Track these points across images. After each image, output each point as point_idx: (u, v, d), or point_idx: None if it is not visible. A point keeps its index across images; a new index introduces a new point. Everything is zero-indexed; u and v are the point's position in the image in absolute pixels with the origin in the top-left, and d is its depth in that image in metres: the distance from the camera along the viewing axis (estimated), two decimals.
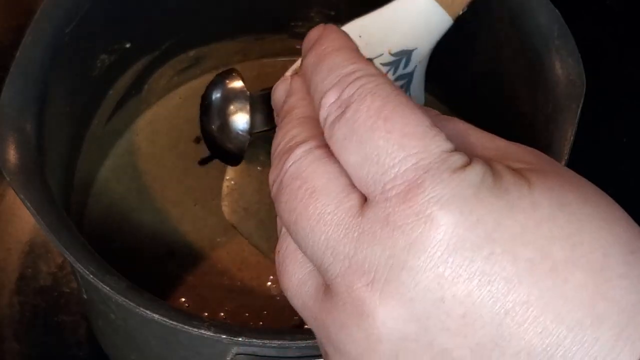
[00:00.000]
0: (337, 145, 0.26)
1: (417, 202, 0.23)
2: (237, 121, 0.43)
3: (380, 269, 0.24)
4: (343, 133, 0.25)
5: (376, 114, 0.25)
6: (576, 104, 0.43)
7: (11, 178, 0.40)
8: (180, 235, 0.53)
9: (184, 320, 0.37)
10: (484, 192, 0.24)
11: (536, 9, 0.46)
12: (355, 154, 0.25)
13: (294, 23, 0.59)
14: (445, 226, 0.23)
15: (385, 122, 0.25)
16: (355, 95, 0.26)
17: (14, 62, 0.44)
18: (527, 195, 0.24)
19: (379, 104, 0.25)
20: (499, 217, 0.23)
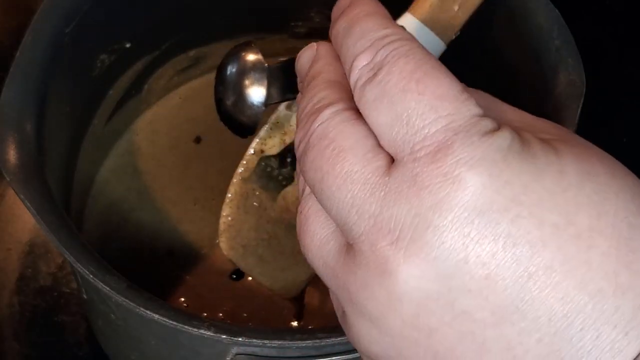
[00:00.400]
0: (367, 106, 0.26)
1: (445, 162, 0.24)
2: (253, 93, 0.43)
3: (405, 228, 0.24)
4: (374, 94, 0.26)
5: (409, 75, 0.25)
6: (576, 104, 0.43)
7: (11, 178, 0.40)
8: (179, 235, 0.53)
9: (184, 320, 0.37)
10: (512, 156, 0.24)
11: (536, 10, 0.46)
12: (386, 115, 0.25)
13: (294, 23, 0.59)
14: (473, 187, 0.23)
15: (417, 83, 0.25)
16: (389, 57, 0.26)
17: (14, 62, 0.44)
18: (554, 162, 0.24)
19: (412, 66, 0.25)
20: (526, 181, 0.23)
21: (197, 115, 0.58)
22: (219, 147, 0.57)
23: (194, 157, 0.56)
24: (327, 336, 0.37)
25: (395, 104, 0.25)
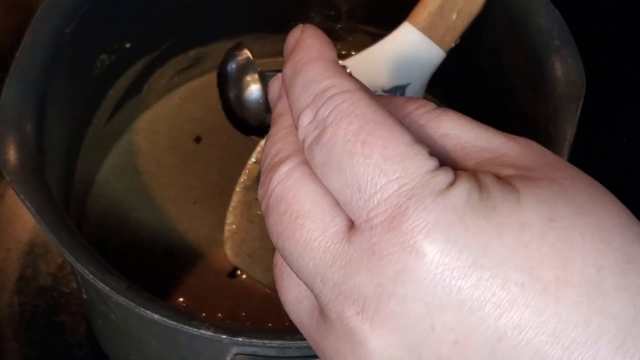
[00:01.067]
0: (317, 170, 0.25)
1: (401, 231, 0.23)
2: (252, 95, 0.43)
3: (369, 298, 0.24)
4: (322, 158, 0.25)
5: (353, 137, 0.24)
6: (576, 104, 0.43)
7: (11, 178, 0.40)
8: (179, 235, 0.53)
9: (184, 320, 0.37)
10: (469, 215, 0.23)
11: (536, 10, 0.46)
12: (336, 180, 0.25)
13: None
14: (431, 255, 0.23)
15: (363, 146, 0.24)
16: (331, 116, 0.25)
17: (14, 62, 0.44)
18: (515, 213, 0.23)
19: (356, 126, 0.25)
20: (486, 241, 0.23)
21: (197, 115, 0.58)
22: (219, 147, 0.57)
23: (194, 157, 0.56)
24: None
25: (343, 169, 0.24)
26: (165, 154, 0.57)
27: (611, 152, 0.62)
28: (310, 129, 0.26)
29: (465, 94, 0.56)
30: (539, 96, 0.45)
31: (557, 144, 0.42)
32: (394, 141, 0.24)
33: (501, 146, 0.26)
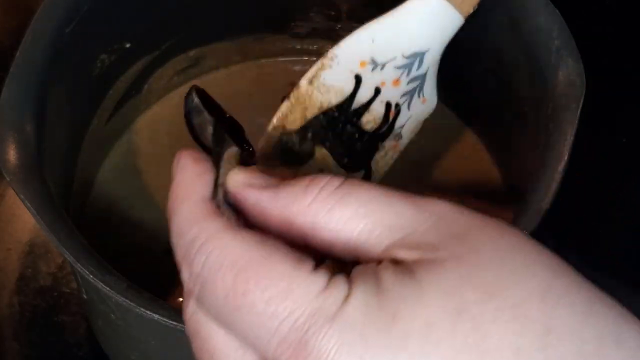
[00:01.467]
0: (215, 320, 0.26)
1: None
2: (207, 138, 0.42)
3: None
4: (214, 312, 0.25)
5: (232, 292, 0.24)
6: (576, 104, 0.43)
7: (11, 178, 0.40)
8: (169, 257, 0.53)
9: None
10: (370, 329, 0.22)
11: (536, 10, 0.46)
12: (234, 330, 0.25)
13: (294, 23, 0.59)
14: None
15: (244, 297, 0.24)
16: (204, 271, 0.25)
17: (14, 62, 0.44)
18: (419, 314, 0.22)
19: (230, 278, 0.24)
20: (392, 354, 0.22)
21: None
22: None
23: None
24: None
25: (235, 323, 0.24)
26: (165, 153, 0.57)
27: (611, 152, 0.62)
28: (190, 286, 0.26)
29: (465, 94, 0.56)
30: (539, 96, 0.45)
31: (558, 143, 0.42)
32: (273, 278, 0.24)
33: (410, 221, 0.25)
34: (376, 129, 0.45)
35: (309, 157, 0.45)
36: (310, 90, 0.45)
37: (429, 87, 0.46)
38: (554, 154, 0.42)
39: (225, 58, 0.60)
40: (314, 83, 0.45)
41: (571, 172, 0.41)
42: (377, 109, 0.45)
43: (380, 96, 0.45)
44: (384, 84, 0.45)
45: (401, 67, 0.45)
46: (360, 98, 0.45)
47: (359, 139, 0.45)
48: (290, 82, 0.60)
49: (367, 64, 0.44)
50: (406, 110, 0.46)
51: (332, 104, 0.44)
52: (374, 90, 0.45)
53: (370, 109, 0.45)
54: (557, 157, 0.41)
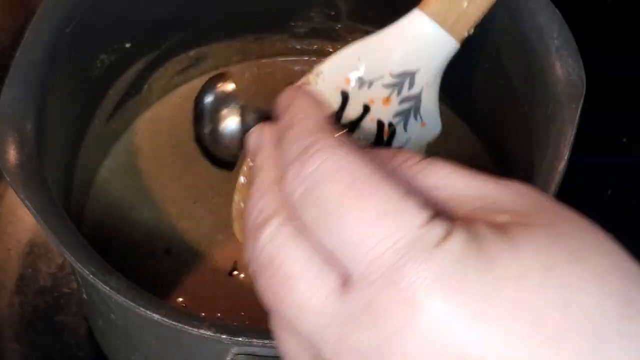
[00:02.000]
0: (306, 226, 0.25)
1: (399, 287, 0.23)
2: (229, 127, 0.43)
3: (370, 356, 0.23)
4: (312, 216, 0.25)
5: (343, 196, 0.24)
6: (576, 104, 0.43)
7: (11, 178, 0.40)
8: (179, 234, 0.53)
9: (184, 320, 0.37)
10: (468, 268, 0.23)
11: (536, 9, 0.46)
12: (328, 238, 0.24)
13: (293, 23, 0.59)
14: (432, 310, 0.23)
15: (354, 204, 0.24)
16: (319, 171, 0.25)
17: (14, 62, 0.44)
18: (513, 264, 0.23)
19: (346, 182, 0.24)
20: (485, 294, 0.23)
21: None
22: None
23: (194, 156, 0.56)
24: None
25: (335, 228, 0.24)
26: (165, 153, 0.57)
27: (611, 152, 0.62)
28: (295, 185, 0.25)
29: (465, 93, 0.56)
30: (539, 96, 0.45)
31: (558, 143, 0.42)
32: (385, 196, 0.24)
33: (493, 193, 0.26)
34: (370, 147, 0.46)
35: None
36: None
37: (428, 110, 0.46)
38: (554, 154, 0.42)
39: (225, 58, 0.60)
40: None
41: (571, 172, 0.41)
42: (368, 126, 0.46)
43: (370, 114, 0.46)
44: (372, 102, 0.45)
45: (390, 85, 0.45)
46: (348, 114, 0.45)
47: None
48: (290, 82, 0.60)
49: (353, 81, 0.45)
50: (402, 131, 0.46)
51: None
52: (363, 108, 0.45)
53: (360, 126, 0.46)
54: (557, 157, 0.41)
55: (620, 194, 0.60)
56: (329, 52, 0.60)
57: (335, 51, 0.59)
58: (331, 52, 0.60)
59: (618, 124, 0.64)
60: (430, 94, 0.46)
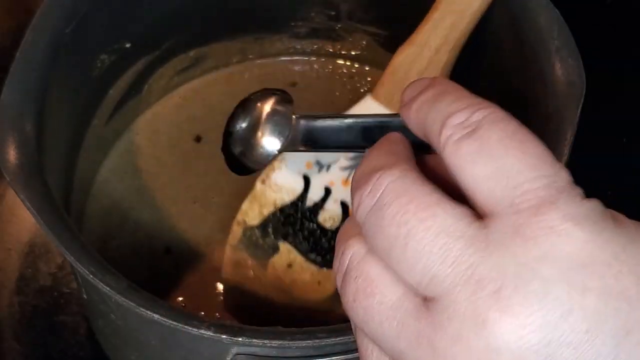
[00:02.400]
0: (461, 159, 0.26)
1: (550, 216, 0.24)
2: (271, 136, 0.44)
3: (508, 278, 0.24)
4: (473, 147, 0.26)
5: (509, 136, 0.26)
6: (576, 104, 0.43)
7: (11, 178, 0.40)
8: (179, 234, 0.53)
9: (184, 320, 0.37)
10: (607, 220, 0.25)
11: (536, 9, 0.46)
12: (484, 168, 0.26)
13: (293, 23, 0.59)
14: (579, 241, 0.24)
15: (519, 143, 0.26)
16: (486, 119, 0.27)
17: (14, 62, 0.44)
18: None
19: (512, 128, 0.26)
20: (623, 243, 0.24)
21: (197, 115, 0.58)
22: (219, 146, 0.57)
23: (194, 156, 0.56)
24: (327, 336, 0.37)
25: (496, 158, 0.26)
26: (165, 153, 0.57)
27: (611, 152, 0.62)
28: (460, 127, 0.27)
29: None
30: (539, 96, 0.45)
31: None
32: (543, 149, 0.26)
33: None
34: (338, 227, 0.48)
35: (275, 250, 0.48)
36: (263, 189, 0.49)
37: None
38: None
39: (225, 58, 0.60)
40: (266, 182, 0.49)
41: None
42: (333, 208, 0.48)
43: (333, 195, 0.48)
44: (333, 184, 0.48)
45: (347, 168, 0.48)
46: (312, 196, 0.48)
47: (322, 235, 0.48)
48: (290, 82, 0.60)
49: (312, 165, 0.48)
50: None
51: (286, 201, 0.48)
52: (324, 190, 0.48)
53: (325, 208, 0.48)
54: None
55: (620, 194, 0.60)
56: (329, 52, 0.60)
57: (335, 51, 0.60)
58: (331, 52, 0.60)
59: (618, 124, 0.64)
60: None
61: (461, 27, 0.48)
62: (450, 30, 0.48)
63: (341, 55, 0.60)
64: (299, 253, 0.48)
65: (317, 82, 0.60)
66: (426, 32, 0.48)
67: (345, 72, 0.60)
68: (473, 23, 0.48)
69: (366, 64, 0.60)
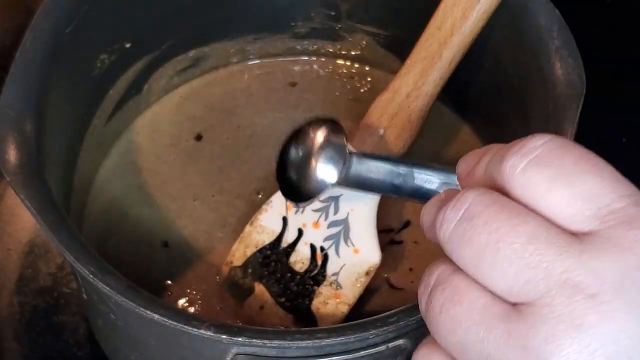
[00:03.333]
0: (534, 189, 0.27)
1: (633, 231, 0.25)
2: (326, 169, 0.45)
3: (607, 283, 0.25)
4: (546, 175, 0.26)
5: (582, 160, 0.27)
6: (576, 104, 0.43)
7: (11, 178, 0.40)
8: (179, 232, 0.53)
9: (184, 320, 0.37)
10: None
11: (536, 9, 0.46)
12: (562, 194, 0.26)
13: (294, 23, 0.59)
14: None
15: (593, 166, 0.26)
16: (553, 145, 0.27)
17: (14, 62, 0.44)
18: None
19: (581, 152, 0.27)
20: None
21: (197, 114, 0.58)
22: (219, 145, 0.57)
23: (195, 154, 0.56)
24: (327, 336, 0.37)
25: (573, 184, 0.26)
26: (165, 153, 0.57)
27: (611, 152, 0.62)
28: (523, 156, 0.27)
29: (465, 93, 0.56)
30: (539, 96, 0.45)
31: None
32: (615, 173, 0.27)
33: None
34: (306, 271, 0.49)
35: (251, 291, 0.49)
36: (250, 231, 0.50)
37: (359, 237, 0.49)
38: None
39: (225, 58, 0.60)
40: (254, 224, 0.50)
41: None
42: (302, 250, 0.49)
43: (304, 237, 0.49)
44: (304, 226, 0.49)
45: (318, 210, 0.49)
46: (287, 238, 0.49)
47: (291, 279, 0.49)
48: (290, 82, 0.60)
49: (292, 207, 0.49)
50: (335, 256, 0.49)
51: (266, 243, 0.50)
52: (297, 231, 0.49)
53: (296, 250, 0.49)
54: None
55: None
56: (329, 52, 0.60)
57: (335, 51, 0.60)
58: (331, 52, 0.60)
59: (618, 124, 0.64)
60: (359, 221, 0.49)
61: (431, 74, 0.49)
62: (419, 77, 0.49)
63: (341, 55, 0.60)
64: (271, 295, 0.49)
65: (317, 82, 0.60)
66: (399, 78, 0.50)
67: (345, 72, 0.60)
68: (443, 70, 0.49)
69: (366, 64, 0.60)
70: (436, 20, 0.49)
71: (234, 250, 0.50)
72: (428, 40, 0.49)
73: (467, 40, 0.48)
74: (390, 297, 0.50)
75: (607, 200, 0.26)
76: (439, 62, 0.49)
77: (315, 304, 0.48)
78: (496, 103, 0.52)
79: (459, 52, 0.49)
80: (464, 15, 0.48)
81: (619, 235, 0.25)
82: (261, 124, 0.58)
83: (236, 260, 0.50)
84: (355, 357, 0.39)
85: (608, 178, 0.26)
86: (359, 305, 0.49)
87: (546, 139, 0.27)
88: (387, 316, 0.38)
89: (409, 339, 0.39)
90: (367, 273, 0.48)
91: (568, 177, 0.26)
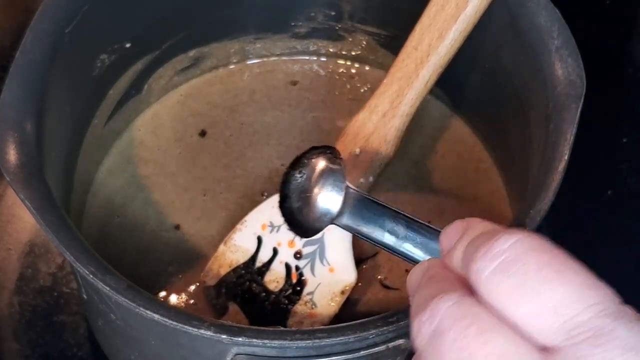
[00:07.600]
0: (500, 297, 0.26)
1: (611, 346, 0.24)
2: (326, 202, 0.43)
3: None
4: (509, 284, 0.26)
5: (547, 267, 0.26)
6: (576, 104, 0.43)
7: (11, 178, 0.40)
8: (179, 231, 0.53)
9: (184, 320, 0.37)
10: None
11: (536, 9, 0.46)
12: (527, 306, 0.26)
13: (294, 23, 0.59)
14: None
15: (558, 274, 0.25)
16: (519, 249, 0.26)
17: (14, 62, 0.44)
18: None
19: (548, 257, 0.26)
20: None
21: (200, 111, 0.58)
22: (223, 141, 0.57)
23: (199, 151, 0.56)
24: (327, 336, 0.37)
25: (538, 294, 0.25)
26: (165, 153, 0.57)
27: (611, 152, 0.62)
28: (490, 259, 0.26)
29: (465, 93, 0.56)
30: (539, 96, 0.45)
31: (558, 143, 0.42)
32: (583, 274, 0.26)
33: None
34: (281, 290, 0.49)
35: (224, 311, 0.49)
36: (224, 250, 0.50)
37: (335, 256, 0.49)
38: (554, 154, 0.42)
39: (225, 58, 0.60)
40: (228, 244, 0.50)
41: (571, 172, 0.41)
42: (277, 269, 0.49)
43: (279, 256, 0.49)
44: (280, 244, 0.49)
45: None
46: (262, 257, 0.49)
47: (266, 298, 0.49)
48: (290, 82, 0.60)
49: (267, 227, 0.50)
50: (311, 275, 0.49)
51: (240, 262, 0.49)
52: (272, 250, 0.49)
53: (271, 269, 0.49)
54: (557, 157, 0.41)
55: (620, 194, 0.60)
56: (329, 52, 0.60)
57: (335, 51, 0.60)
58: (331, 52, 0.60)
59: (618, 124, 0.64)
60: (335, 240, 0.49)
61: (407, 94, 0.49)
62: (396, 96, 0.49)
63: (341, 55, 0.60)
64: (244, 315, 0.48)
65: (317, 82, 0.60)
66: (375, 97, 0.50)
67: (345, 72, 0.60)
68: (420, 90, 0.49)
69: (366, 64, 0.60)
70: (413, 40, 0.49)
71: (207, 269, 0.50)
72: (404, 60, 0.49)
73: (443, 60, 0.48)
74: (385, 297, 0.50)
75: (572, 311, 0.25)
76: (415, 81, 0.49)
77: (290, 323, 0.48)
78: (496, 103, 0.52)
79: (435, 71, 0.49)
80: (441, 35, 0.48)
81: (586, 354, 0.24)
82: (264, 121, 0.58)
83: (209, 280, 0.50)
84: (355, 357, 0.39)
85: (575, 285, 0.25)
86: (355, 306, 0.49)
87: (513, 240, 0.26)
88: (387, 316, 0.38)
89: (409, 339, 0.39)
90: (342, 292, 0.48)
91: (533, 286, 0.25)
